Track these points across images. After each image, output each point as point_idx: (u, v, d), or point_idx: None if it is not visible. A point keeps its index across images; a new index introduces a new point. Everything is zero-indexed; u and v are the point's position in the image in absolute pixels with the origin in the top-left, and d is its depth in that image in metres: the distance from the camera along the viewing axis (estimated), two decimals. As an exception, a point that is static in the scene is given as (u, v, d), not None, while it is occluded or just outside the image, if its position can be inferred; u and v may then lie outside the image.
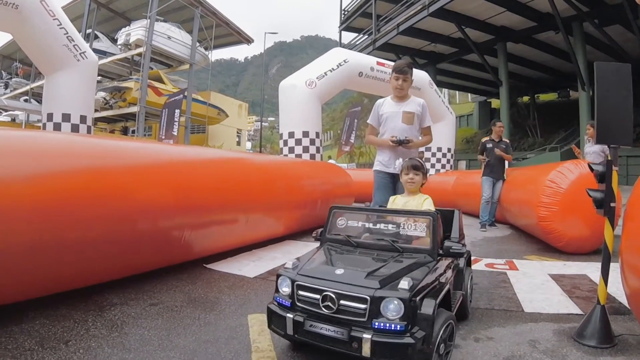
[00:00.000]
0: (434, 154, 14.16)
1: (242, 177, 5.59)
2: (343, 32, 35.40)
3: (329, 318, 2.37)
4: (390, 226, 3.06)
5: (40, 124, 20.67)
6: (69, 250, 3.28)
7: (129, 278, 4.04)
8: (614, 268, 2.96)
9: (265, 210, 5.86)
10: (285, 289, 2.58)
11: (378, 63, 12.15)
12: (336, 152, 24.62)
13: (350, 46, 31.83)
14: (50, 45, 10.47)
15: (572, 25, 20.69)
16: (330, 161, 17.28)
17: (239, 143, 34.60)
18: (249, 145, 51.97)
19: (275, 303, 2.62)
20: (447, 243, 2.82)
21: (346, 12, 34.10)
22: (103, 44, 23.19)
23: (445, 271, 2.84)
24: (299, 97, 10.46)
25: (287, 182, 6.69)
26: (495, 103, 37.53)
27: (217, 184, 4.98)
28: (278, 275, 2.65)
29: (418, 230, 2.93)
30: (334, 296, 2.35)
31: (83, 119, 10.99)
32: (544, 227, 5.98)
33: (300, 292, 2.51)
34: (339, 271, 2.48)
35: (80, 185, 3.39)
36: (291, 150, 10.42)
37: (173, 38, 21.73)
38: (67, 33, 10.64)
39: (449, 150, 14.29)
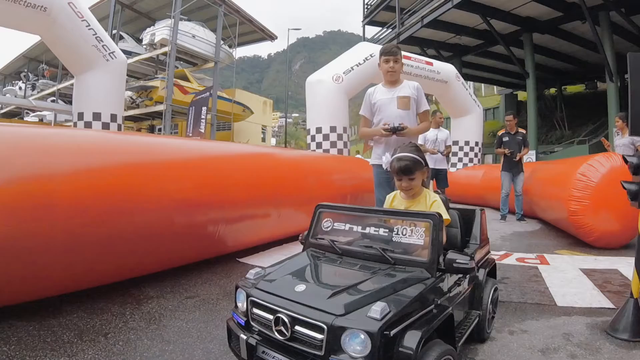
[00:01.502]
0: (461, 148, 14.08)
1: (274, 172, 5.66)
2: (366, 27, 35.22)
3: (283, 346, 1.94)
4: (382, 231, 2.50)
5: (68, 124, 21.16)
6: (106, 244, 3.36)
7: (165, 272, 4.14)
8: (646, 262, 2.96)
9: (296, 205, 5.91)
10: (240, 304, 2.21)
11: (404, 57, 12.12)
12: (362, 147, 24.60)
13: (374, 40, 31.63)
14: (80, 46, 10.68)
15: (598, 14, 20.28)
16: (358, 156, 17.29)
17: (263, 139, 34.73)
18: (273, 141, 52.22)
19: (233, 319, 2.27)
20: (450, 255, 2.22)
21: (369, 6, 33.86)
22: (128, 44, 23.44)
23: (449, 290, 2.36)
24: (326, 92, 10.51)
25: (317, 177, 6.74)
26: (521, 95, 37.06)
27: (249, 179, 5.05)
28: (236, 287, 2.28)
29: (415, 237, 2.37)
30: (286, 319, 1.90)
31: (113, 117, 11.21)
32: (575, 221, 5.94)
33: (255, 310, 2.11)
34: (300, 288, 2.03)
35: (117, 181, 3.48)
36: (319, 145, 10.47)
37: (197, 37, 21.87)
38: (96, 34, 10.86)
39: (476, 144, 14.18)
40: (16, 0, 9.26)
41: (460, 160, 14.06)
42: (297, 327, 1.88)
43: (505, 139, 8.82)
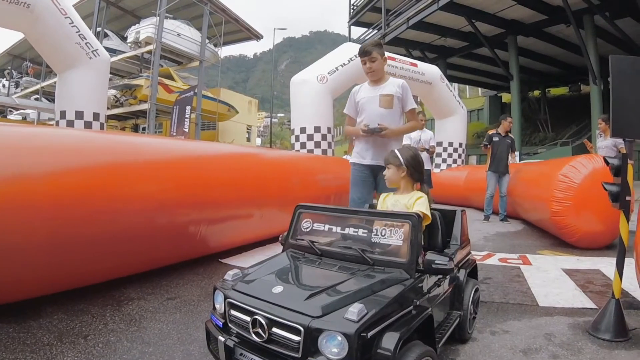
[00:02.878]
0: (445, 149, 14.10)
1: (257, 172, 5.61)
2: (352, 27, 35.34)
3: (260, 348, 1.92)
4: (361, 231, 2.48)
5: (51, 122, 20.94)
6: (87, 245, 3.32)
7: (146, 273, 4.09)
8: (628, 263, 2.98)
9: (279, 205, 5.86)
10: (218, 306, 2.21)
11: (389, 58, 12.12)
12: (347, 147, 24.61)
13: (359, 41, 31.63)
14: (62, 44, 10.54)
15: (583, 18, 20.57)
16: (346, 157, 17.28)
17: (249, 139, 34.65)
18: (258, 141, 52.10)
19: (212, 321, 2.25)
20: (429, 255, 2.22)
21: (355, 7, 34.01)
22: (113, 42, 23.27)
23: (429, 291, 2.36)
24: (311, 92, 10.46)
25: (301, 177, 6.70)
26: (506, 97, 37.43)
27: (232, 179, 5.01)
28: (214, 289, 2.27)
29: (394, 238, 2.34)
30: (263, 321, 1.88)
31: (96, 116, 11.08)
32: (557, 222, 5.98)
33: (232, 312, 2.09)
34: (277, 289, 2.00)
35: (97, 181, 3.43)
36: (303, 145, 10.42)
37: (183, 35, 21.77)
38: (79, 31, 10.72)
39: (460, 145, 14.22)
40: (-2, -4, 9.06)
41: (444, 161, 14.09)
42: (275, 329, 1.86)
43: (495, 139, 8.90)
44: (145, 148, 4.26)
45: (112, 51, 21.61)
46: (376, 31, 30.90)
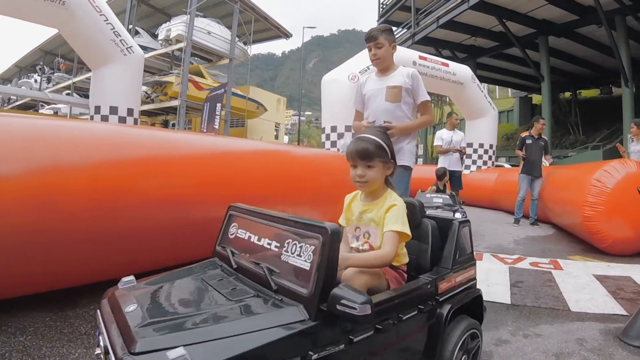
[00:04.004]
0: (475, 150, 13.99)
1: (289, 170, 5.61)
2: (381, 26, 35.15)
3: None
4: (274, 245, 1.87)
5: (83, 117, 21.35)
6: (123, 238, 3.39)
7: (179, 266, 4.14)
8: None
9: (311, 204, 5.88)
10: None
11: (420, 57, 12.10)
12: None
13: (388, 40, 31.56)
14: (97, 40, 10.77)
15: (614, 19, 20.16)
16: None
17: (277, 137, 34.79)
18: (286, 139, 52.24)
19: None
20: (338, 290, 1.51)
21: (384, 6, 33.85)
22: (144, 39, 23.56)
23: (348, 341, 1.62)
24: (341, 91, 10.47)
25: (331, 176, 6.74)
26: (536, 99, 36.91)
27: (263, 176, 5.00)
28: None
29: (302, 258, 1.68)
30: (101, 344, 1.52)
31: (130, 111, 11.31)
32: (589, 227, 5.93)
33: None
34: (130, 307, 1.57)
35: (133, 174, 3.51)
36: (333, 144, 10.45)
37: (213, 33, 21.94)
38: (114, 28, 10.93)
39: (490, 146, 14.10)
40: (34, -8, 9.27)
41: (474, 162, 13.99)
42: (109, 356, 1.43)
43: (529, 141, 8.78)
44: (180, 143, 4.31)
45: (142, 48, 21.74)
46: (405, 30, 30.76)
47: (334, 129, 10.50)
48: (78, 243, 3.10)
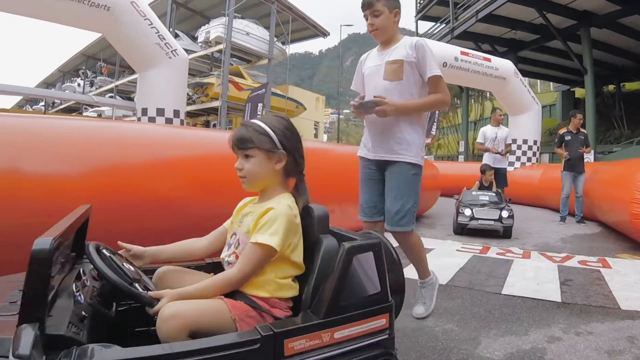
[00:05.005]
0: (519, 147, 13.77)
1: (336, 168, 5.67)
2: (419, 22, 34.92)
3: None
4: None
5: (127, 119, 21.90)
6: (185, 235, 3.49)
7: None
8: None
9: (357, 202, 5.95)
10: None
11: (462, 53, 12.05)
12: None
13: (427, 35, 31.27)
14: (143, 44, 11.04)
15: (660, 8, 19.58)
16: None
17: (316, 135, 34.98)
18: (325, 137, 52.37)
19: None
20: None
21: (422, 1, 33.61)
22: (183, 42, 23.93)
23: None
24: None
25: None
26: (579, 92, 36.03)
27: (314, 173, 5.07)
28: None
29: None
30: None
31: (176, 113, 11.60)
32: (637, 224, 5.81)
33: None
34: None
35: (193, 173, 3.65)
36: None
37: (251, 34, 22.20)
38: (158, 32, 11.21)
39: (534, 142, 13.88)
40: (80, 0, 9.62)
41: (518, 159, 13.77)
42: None
43: (568, 137, 8.61)
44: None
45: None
46: (444, 25, 30.44)
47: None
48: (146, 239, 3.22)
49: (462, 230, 7.03)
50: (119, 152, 3.29)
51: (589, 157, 8.88)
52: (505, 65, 13.18)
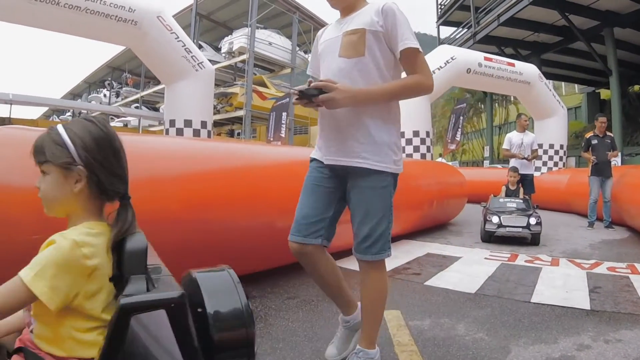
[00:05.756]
0: (545, 152, 13.67)
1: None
2: (441, 27, 34.86)
3: None
4: None
5: (152, 129, 22.25)
6: (213, 248, 3.55)
7: (264, 272, 4.30)
8: None
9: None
10: None
11: (485, 58, 12.03)
12: (439, 150, 24.36)
13: (449, 41, 31.20)
14: (170, 57, 11.23)
15: (684, 4, 19.26)
16: (440, 159, 17.17)
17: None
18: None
19: None
20: None
21: (443, 6, 33.51)
22: (207, 53, 24.12)
23: None
24: (408, 96, 10.54)
25: (405, 182, 6.81)
26: (604, 94, 35.46)
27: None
28: None
29: None
30: None
31: (204, 124, 11.75)
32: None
33: None
34: None
35: (223, 184, 3.73)
36: (416, 149, 10.56)
37: (274, 44, 22.40)
38: (185, 45, 11.40)
39: (561, 147, 13.76)
40: (108, 15, 9.85)
41: (544, 164, 13.68)
42: None
43: (594, 141, 8.55)
44: (263, 155, 4.59)
45: (206, 62, 22.70)
46: (466, 30, 30.32)
47: (402, 134, 10.53)
48: (172, 252, 3.28)
49: (490, 238, 7.00)
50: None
51: (616, 160, 8.78)
52: (529, 70, 13.13)
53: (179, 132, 11.39)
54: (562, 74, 35.30)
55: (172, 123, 11.52)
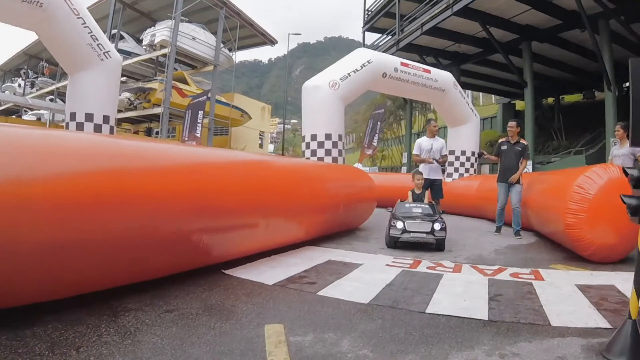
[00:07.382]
0: (457, 158, 13.90)
1: (263, 180, 5.49)
2: (366, 33, 35.31)
3: None
4: None
5: (63, 124, 21.12)
6: (88, 252, 3.25)
7: (146, 282, 3.99)
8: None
9: (286, 215, 5.76)
10: None
11: (402, 64, 12.03)
12: (359, 155, 24.54)
13: (373, 47, 31.64)
14: (74, 44, 10.61)
15: (598, 23, 20.27)
16: (357, 165, 17.13)
17: (261, 145, 34.77)
18: (271, 147, 52.30)
19: None
20: None
21: (370, 12, 33.98)
22: (128, 44, 23.47)
23: None
24: (322, 98, 10.35)
25: (310, 185, 6.62)
26: (519, 105, 37.06)
27: (237, 187, 4.88)
28: None
29: None
30: None
31: (106, 119, 11.12)
32: (571, 234, 5.83)
33: None
34: None
35: (100, 186, 3.35)
36: (313, 153, 10.30)
37: (197, 39, 21.90)
38: (91, 32, 10.79)
39: (472, 153, 14.03)
40: (12, -5, 9.13)
41: (456, 170, 13.89)
42: None
43: (504, 147, 8.55)
44: (148, 153, 4.18)
45: (127, 53, 21.84)
46: (390, 37, 30.83)
47: (314, 137, 10.34)
48: (39, 255, 2.94)
49: (395, 244, 6.87)
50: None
51: (528, 168, 8.92)
52: (444, 77, 13.30)
53: (79, 126, 10.75)
54: (480, 85, 36.64)
55: (73, 116, 10.86)
